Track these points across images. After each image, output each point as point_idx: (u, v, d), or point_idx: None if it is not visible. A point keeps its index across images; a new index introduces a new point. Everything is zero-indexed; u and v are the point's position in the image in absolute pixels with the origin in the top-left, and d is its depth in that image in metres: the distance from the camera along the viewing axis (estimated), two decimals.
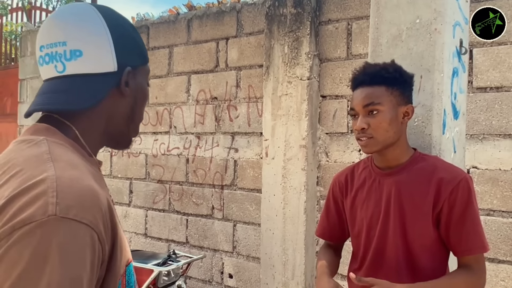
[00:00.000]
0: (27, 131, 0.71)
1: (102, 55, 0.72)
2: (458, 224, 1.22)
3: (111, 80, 0.73)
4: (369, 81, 1.27)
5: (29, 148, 0.66)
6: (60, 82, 0.71)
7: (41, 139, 0.67)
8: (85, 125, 0.73)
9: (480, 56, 2.46)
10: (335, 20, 2.97)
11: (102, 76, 0.72)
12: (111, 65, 0.73)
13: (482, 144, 2.45)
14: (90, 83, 0.71)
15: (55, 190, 0.58)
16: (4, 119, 5.81)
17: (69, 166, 0.63)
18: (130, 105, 0.78)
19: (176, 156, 3.76)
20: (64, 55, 0.70)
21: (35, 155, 0.64)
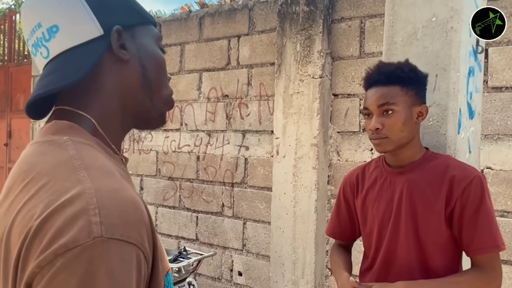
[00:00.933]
0: (48, 130, 0.63)
1: (79, 22, 0.63)
2: (471, 222, 1.20)
3: (99, 45, 0.64)
4: (384, 80, 1.26)
5: (53, 151, 0.58)
6: (49, 66, 0.64)
7: (65, 140, 0.59)
8: (100, 111, 0.65)
9: (496, 55, 2.43)
10: (348, 18, 2.95)
11: (87, 44, 0.63)
12: (94, 30, 0.63)
13: (497, 144, 2.41)
14: (77, 55, 0.63)
15: (96, 206, 0.50)
16: (17, 115, 5.88)
17: (104, 174, 0.55)
18: (138, 71, 0.67)
19: (187, 153, 3.78)
20: (43, 37, 0.63)
21: (63, 161, 0.56)
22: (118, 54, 0.65)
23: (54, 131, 0.62)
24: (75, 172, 0.54)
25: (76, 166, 0.55)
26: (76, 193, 0.51)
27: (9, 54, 6.27)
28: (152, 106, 0.69)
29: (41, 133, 0.64)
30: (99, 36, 0.64)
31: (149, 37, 0.70)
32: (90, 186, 0.52)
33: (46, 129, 0.64)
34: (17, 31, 6.57)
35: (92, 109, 0.64)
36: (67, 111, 0.64)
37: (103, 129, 0.64)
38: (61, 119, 0.64)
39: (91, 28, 0.63)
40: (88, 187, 0.52)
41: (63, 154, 0.57)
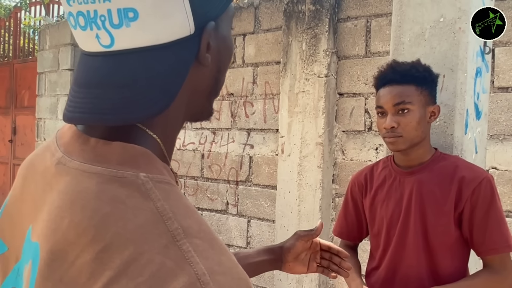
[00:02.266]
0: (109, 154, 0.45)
1: (168, 13, 0.44)
2: (482, 223, 1.21)
3: (188, 50, 0.46)
4: (399, 79, 1.26)
5: (132, 200, 0.41)
6: (111, 64, 0.45)
7: (144, 181, 0.43)
8: (165, 128, 0.48)
9: (502, 56, 2.43)
10: (354, 17, 2.95)
11: (173, 46, 0.45)
12: (185, 27, 0.45)
13: (503, 144, 2.41)
14: (157, 64, 0.45)
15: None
16: (21, 111, 5.91)
17: (208, 243, 0.41)
18: (213, 74, 0.51)
19: (192, 151, 3.79)
20: (110, 19, 0.43)
21: (152, 221, 0.40)
22: (202, 60, 0.48)
23: (122, 160, 0.44)
24: (175, 242, 0.39)
25: (172, 231, 0.40)
26: (188, 283, 0.37)
27: (14, 51, 6.30)
28: (208, 106, 0.54)
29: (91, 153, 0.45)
30: (188, 36, 0.46)
31: (228, 23, 0.52)
32: (202, 269, 0.38)
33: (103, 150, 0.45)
34: (22, 28, 6.60)
35: (158, 125, 0.47)
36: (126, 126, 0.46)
37: (165, 149, 0.49)
38: (119, 136, 0.45)
39: (182, 24, 0.45)
40: (201, 272, 0.38)
41: (148, 207, 0.41)
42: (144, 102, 0.44)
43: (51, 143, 0.51)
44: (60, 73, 4.83)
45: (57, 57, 4.88)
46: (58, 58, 4.87)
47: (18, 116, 6.01)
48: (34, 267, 0.42)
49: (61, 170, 0.46)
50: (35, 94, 5.23)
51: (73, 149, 0.47)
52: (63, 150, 0.47)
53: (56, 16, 5.90)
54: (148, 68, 0.45)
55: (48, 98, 4.99)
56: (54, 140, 0.50)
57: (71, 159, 0.46)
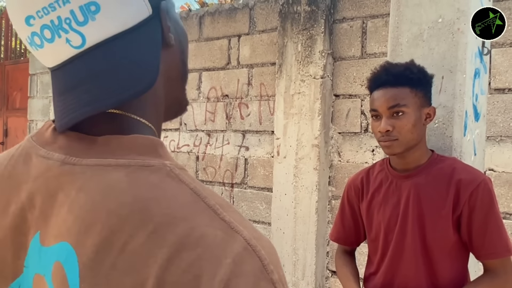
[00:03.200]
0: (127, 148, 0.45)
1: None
2: (481, 227, 1.20)
3: (153, 30, 0.48)
4: (393, 81, 1.24)
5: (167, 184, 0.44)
6: (89, 61, 0.45)
7: (171, 167, 0.45)
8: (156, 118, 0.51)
9: (499, 57, 2.42)
10: (349, 18, 2.94)
11: (139, 29, 0.47)
12: (143, 8, 0.47)
13: (499, 146, 2.41)
14: (134, 45, 0.46)
15: (269, 262, 0.42)
16: (13, 113, 5.84)
17: (240, 215, 0.45)
18: (179, 55, 0.53)
19: (186, 153, 3.76)
20: (75, 19, 0.44)
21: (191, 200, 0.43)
22: (168, 39, 0.49)
23: (143, 150, 0.46)
24: (217, 216, 0.42)
25: (212, 207, 0.43)
26: (241, 248, 0.41)
27: (6, 52, 6.23)
28: (184, 95, 0.56)
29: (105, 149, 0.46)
30: (148, 16, 0.47)
31: (173, 7, 0.53)
32: (248, 235, 0.42)
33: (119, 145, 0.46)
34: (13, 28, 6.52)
35: (150, 116, 0.49)
36: (127, 119, 0.48)
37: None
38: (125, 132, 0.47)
39: (140, 6, 0.47)
40: (248, 237, 0.42)
41: (184, 188, 0.44)
42: (131, 82, 0.46)
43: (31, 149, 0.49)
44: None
45: None
46: None
47: (9, 118, 5.94)
48: (70, 266, 0.42)
49: (70, 169, 0.45)
50: (27, 95, 5.17)
51: (78, 150, 0.46)
52: (62, 152, 0.46)
53: None
54: (125, 52, 0.46)
55: (40, 99, 4.93)
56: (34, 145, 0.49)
57: (80, 158, 0.45)
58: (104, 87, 0.45)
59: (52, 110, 4.76)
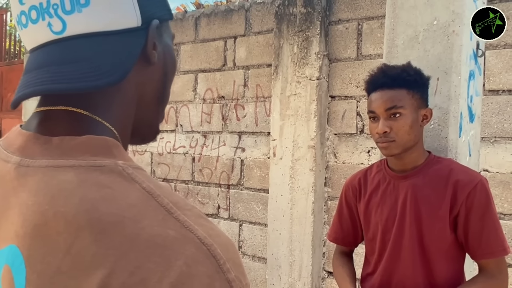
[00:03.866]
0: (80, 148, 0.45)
1: (118, 2, 0.47)
2: (477, 227, 1.21)
3: (136, 39, 0.49)
4: (390, 83, 1.26)
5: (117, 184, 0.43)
6: (62, 48, 0.46)
7: (124, 167, 0.44)
8: (120, 124, 0.50)
9: (493, 59, 2.44)
10: (345, 20, 2.95)
11: (123, 34, 0.48)
12: (133, 18, 0.48)
13: (494, 147, 2.43)
14: (113, 46, 0.47)
15: (225, 260, 0.41)
16: (7, 115, 5.80)
17: (196, 213, 0.44)
18: (159, 78, 0.54)
19: (182, 154, 3.75)
20: (62, 6, 0.45)
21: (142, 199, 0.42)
22: (150, 55, 0.50)
23: (96, 151, 0.45)
24: (170, 215, 0.41)
25: (165, 206, 0.42)
26: (194, 248, 0.40)
27: (0, 53, 6.19)
28: (155, 121, 0.56)
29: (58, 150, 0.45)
30: (135, 27, 0.49)
31: (170, 36, 0.56)
32: (203, 234, 0.41)
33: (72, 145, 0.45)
34: (8, 30, 6.49)
35: (115, 121, 0.49)
36: (87, 119, 0.47)
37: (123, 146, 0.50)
38: (84, 131, 0.46)
39: (130, 15, 0.48)
40: (203, 236, 0.41)
41: (136, 188, 0.42)
42: (91, 75, 0.46)
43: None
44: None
45: None
46: None
47: (3, 120, 5.90)
48: (16, 269, 0.41)
49: (24, 172, 0.44)
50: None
51: (33, 151, 0.46)
52: (19, 154, 0.46)
53: None
54: (97, 49, 0.47)
55: (34, 101, 4.83)
56: (0, 149, 0.49)
57: (34, 159, 0.45)
58: (64, 72, 0.45)
59: None
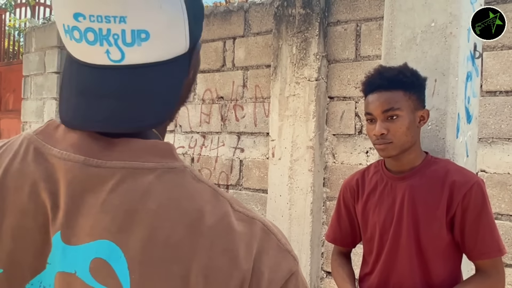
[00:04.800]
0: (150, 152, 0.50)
1: (174, 34, 0.49)
2: (473, 227, 1.22)
3: (183, 65, 0.52)
4: (386, 85, 1.26)
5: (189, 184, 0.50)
6: (118, 78, 0.48)
7: (189, 169, 0.52)
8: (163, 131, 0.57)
9: (490, 60, 2.46)
10: (344, 21, 2.96)
11: (173, 62, 0.51)
12: (183, 45, 0.51)
13: (491, 148, 2.44)
14: (165, 77, 0.50)
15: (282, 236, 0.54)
16: (6, 115, 5.80)
17: (243, 205, 0.54)
18: (190, 85, 0.57)
19: (181, 155, 3.76)
20: (123, 38, 0.47)
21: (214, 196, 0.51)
22: (190, 74, 0.55)
23: (164, 154, 0.51)
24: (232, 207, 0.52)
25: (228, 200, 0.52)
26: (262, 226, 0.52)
27: None
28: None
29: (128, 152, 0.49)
30: (184, 53, 0.52)
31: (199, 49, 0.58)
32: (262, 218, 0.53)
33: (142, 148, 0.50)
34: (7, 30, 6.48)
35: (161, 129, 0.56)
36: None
37: None
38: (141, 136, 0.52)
39: (182, 44, 0.51)
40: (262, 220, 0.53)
41: (205, 186, 0.51)
42: (151, 113, 0.49)
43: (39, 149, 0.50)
44: (46, 76, 4.76)
45: (43, 60, 4.80)
46: (44, 61, 4.79)
47: (2, 120, 5.90)
48: (116, 262, 0.46)
49: (97, 172, 0.48)
50: (20, 97, 5.14)
51: (97, 151, 0.48)
52: (80, 153, 0.48)
53: (42, 18, 5.81)
54: (153, 80, 0.50)
55: (33, 101, 4.91)
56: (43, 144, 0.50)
57: (103, 160, 0.48)
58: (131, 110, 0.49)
59: (46, 112, 4.74)
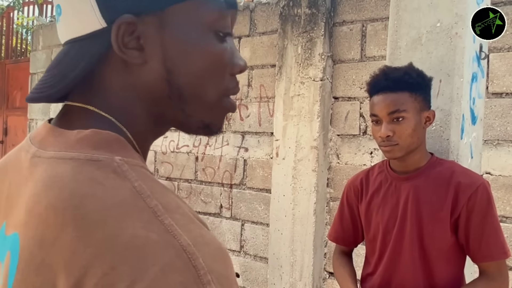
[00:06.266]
0: (82, 141, 0.45)
1: (78, 8, 0.47)
2: (478, 230, 1.21)
3: (96, 42, 0.47)
4: (392, 86, 1.25)
5: (110, 181, 0.42)
6: (61, 52, 0.51)
7: (120, 163, 0.43)
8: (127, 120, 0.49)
9: (497, 61, 2.44)
10: (349, 21, 2.96)
11: (86, 39, 0.48)
12: (94, 21, 0.47)
13: (497, 150, 2.43)
14: (73, 52, 0.48)
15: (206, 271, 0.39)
16: (13, 112, 5.85)
17: (186, 217, 0.42)
18: (159, 76, 0.49)
19: (185, 154, 3.77)
20: (57, 13, 0.50)
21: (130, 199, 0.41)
22: (122, 55, 0.47)
23: (97, 145, 0.45)
24: (156, 218, 0.40)
25: (152, 207, 0.41)
26: (174, 254, 0.38)
27: (6, 51, 6.24)
28: (186, 117, 0.52)
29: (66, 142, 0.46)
30: (101, 29, 0.47)
31: (192, 21, 0.48)
32: (187, 241, 0.39)
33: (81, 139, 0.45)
34: (14, 28, 6.54)
35: (122, 117, 0.49)
36: (92, 113, 0.48)
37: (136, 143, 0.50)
38: (87, 123, 0.47)
39: (90, 19, 0.47)
40: (186, 244, 0.39)
41: (126, 186, 0.42)
42: (54, 83, 0.49)
43: (24, 144, 0.52)
44: None
45: (50, 58, 4.83)
46: (51, 59, 4.83)
47: (9, 117, 5.95)
48: (13, 256, 0.43)
49: (35, 162, 0.47)
50: (27, 94, 5.17)
51: (48, 142, 0.48)
52: (37, 145, 0.48)
53: (49, 16, 5.85)
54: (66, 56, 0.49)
55: None
56: (28, 140, 0.52)
57: (45, 150, 0.47)
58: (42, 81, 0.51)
59: (52, 110, 4.77)
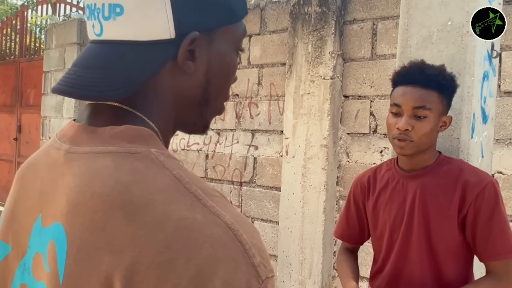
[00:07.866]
0: (116, 136, 0.48)
1: (150, 14, 0.49)
2: (485, 228, 1.21)
3: (165, 51, 0.50)
4: (424, 82, 1.23)
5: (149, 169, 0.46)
6: (98, 51, 0.51)
7: (157, 155, 0.47)
8: (159, 120, 0.52)
9: (509, 60, 2.42)
10: (360, 19, 2.95)
11: (151, 46, 0.50)
12: (165, 31, 0.49)
13: (508, 149, 2.40)
14: (137, 57, 0.50)
15: (251, 245, 0.43)
16: (27, 110, 5.94)
17: (224, 200, 0.46)
18: (200, 84, 0.54)
19: (196, 151, 3.80)
20: (102, 12, 0.50)
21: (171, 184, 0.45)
22: (182, 66, 0.51)
23: (132, 139, 0.48)
24: (198, 201, 0.44)
25: (193, 192, 0.44)
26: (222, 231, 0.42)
27: (20, 50, 6.33)
28: (199, 118, 0.57)
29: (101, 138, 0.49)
30: (169, 39, 0.50)
31: (229, 40, 0.55)
32: (230, 219, 0.43)
33: (112, 134, 0.49)
34: (28, 26, 6.63)
35: (152, 115, 0.52)
36: (123, 111, 0.51)
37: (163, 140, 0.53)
38: (120, 121, 0.50)
39: (162, 28, 0.49)
40: (230, 222, 0.43)
41: (166, 174, 0.45)
42: (114, 84, 0.49)
43: (53, 143, 0.54)
44: None
45: (63, 56, 4.90)
46: (64, 57, 4.89)
47: (23, 115, 6.04)
48: (60, 244, 0.46)
49: (71, 157, 0.49)
50: (41, 92, 5.25)
51: (80, 140, 0.50)
52: (69, 143, 0.51)
53: (63, 15, 5.92)
54: (125, 57, 0.50)
55: (53, 96, 5.01)
56: (55, 139, 0.54)
57: (79, 147, 0.49)
58: (89, 78, 0.50)
59: (65, 107, 4.83)
